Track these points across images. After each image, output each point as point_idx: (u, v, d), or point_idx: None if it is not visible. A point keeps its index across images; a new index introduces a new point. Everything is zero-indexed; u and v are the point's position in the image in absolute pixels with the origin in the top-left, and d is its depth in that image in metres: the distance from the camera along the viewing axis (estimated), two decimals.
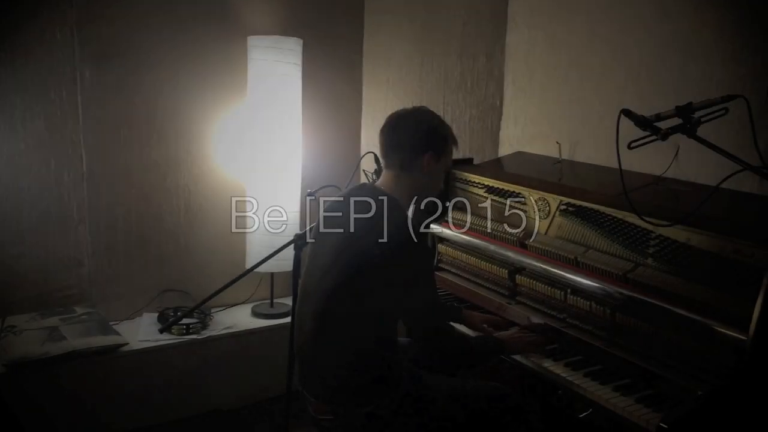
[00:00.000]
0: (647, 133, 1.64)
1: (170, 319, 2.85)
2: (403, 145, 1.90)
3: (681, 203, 2.03)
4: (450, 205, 2.62)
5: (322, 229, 1.98)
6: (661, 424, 1.47)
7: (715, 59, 2.10)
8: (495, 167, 2.67)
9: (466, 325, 2.18)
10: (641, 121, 1.62)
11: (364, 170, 2.68)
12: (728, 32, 2.06)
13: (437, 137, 1.93)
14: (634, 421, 1.61)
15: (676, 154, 2.22)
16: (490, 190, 2.46)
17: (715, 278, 1.72)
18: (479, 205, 2.51)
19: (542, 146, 2.74)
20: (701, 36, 2.14)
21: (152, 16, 2.91)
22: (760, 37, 1.98)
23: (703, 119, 1.62)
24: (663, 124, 1.65)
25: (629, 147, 1.62)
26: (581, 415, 1.90)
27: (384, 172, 1.96)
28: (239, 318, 3.12)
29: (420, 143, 1.89)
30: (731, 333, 1.61)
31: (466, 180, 2.57)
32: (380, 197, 1.89)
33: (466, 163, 2.71)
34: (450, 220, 2.58)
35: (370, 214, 1.86)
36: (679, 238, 1.82)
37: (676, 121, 1.65)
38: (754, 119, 1.86)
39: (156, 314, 2.99)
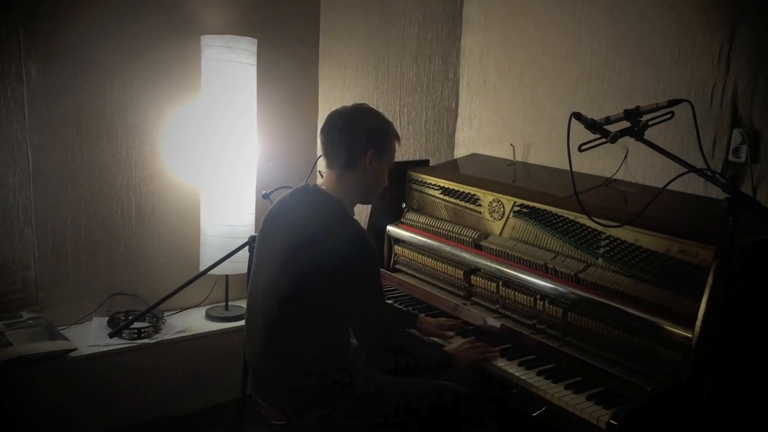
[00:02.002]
0: (597, 136, 1.68)
1: (121, 324, 2.78)
2: (345, 145, 1.87)
3: (630, 204, 2.08)
4: (406, 206, 2.63)
5: (265, 234, 1.95)
6: (611, 421, 1.50)
7: (662, 64, 2.16)
8: (450, 169, 2.69)
9: (420, 332, 2.17)
10: (591, 124, 1.65)
11: (320, 171, 2.66)
12: (674, 38, 2.12)
13: (378, 134, 1.91)
14: (585, 418, 1.64)
15: (626, 156, 2.28)
16: (446, 191, 2.48)
17: (663, 278, 1.77)
18: (435, 206, 2.53)
19: (497, 148, 2.77)
20: (648, 41, 2.20)
21: (102, 14, 2.83)
22: (704, 43, 2.04)
23: (650, 123, 1.66)
24: (612, 127, 1.68)
25: (580, 149, 1.65)
26: (534, 414, 1.93)
27: (327, 172, 1.94)
28: (193, 321, 3.06)
29: (361, 141, 1.87)
30: (678, 331, 1.66)
31: (422, 182, 2.58)
32: (325, 200, 1.87)
33: (422, 165, 2.73)
34: (406, 221, 2.59)
35: (315, 219, 1.84)
36: (628, 239, 1.86)
37: (625, 124, 1.69)
38: (699, 123, 1.92)
39: (106, 318, 2.92)
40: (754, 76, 1.93)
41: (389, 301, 2.37)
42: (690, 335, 1.60)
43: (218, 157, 2.99)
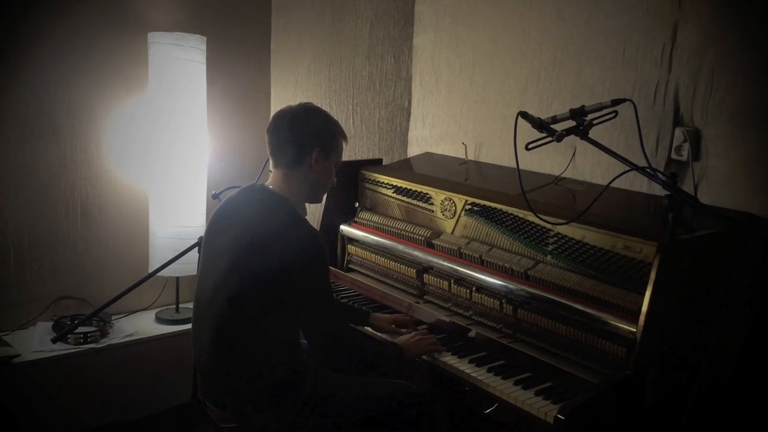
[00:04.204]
0: (544, 135, 1.70)
1: (65, 328, 2.70)
2: (290, 144, 1.86)
3: (578, 202, 2.11)
4: (359, 206, 2.62)
5: (212, 234, 1.92)
6: (558, 416, 1.52)
7: (607, 64, 2.20)
8: (403, 168, 2.70)
9: (373, 329, 2.17)
10: (537, 124, 1.68)
11: (271, 171, 2.64)
12: (618, 38, 2.16)
13: (324, 134, 1.90)
14: (533, 414, 1.66)
15: (574, 155, 2.31)
16: (399, 190, 2.48)
17: (609, 274, 1.81)
18: (388, 205, 2.53)
19: (450, 147, 2.79)
20: (594, 42, 2.24)
21: (45, 10, 2.74)
22: (647, 44, 2.09)
23: (594, 122, 1.70)
24: (559, 126, 1.71)
25: (527, 148, 1.67)
26: (487, 411, 1.94)
27: (273, 172, 1.92)
28: (142, 324, 2.99)
29: (307, 141, 1.86)
30: (623, 326, 1.69)
31: (375, 181, 2.58)
32: (273, 199, 1.85)
33: (376, 164, 2.72)
34: (359, 220, 2.58)
35: (263, 218, 1.82)
36: (576, 236, 1.89)
37: (571, 123, 1.72)
38: (643, 122, 1.96)
39: (51, 323, 2.83)
40: (694, 76, 1.98)
41: (343, 300, 2.36)
42: (634, 329, 1.64)
43: (167, 156, 2.92)
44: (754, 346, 1.86)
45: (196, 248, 2.54)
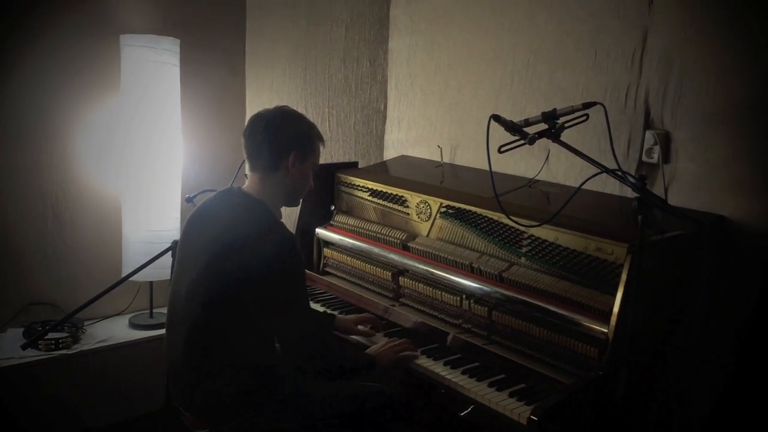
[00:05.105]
0: (517, 138, 1.71)
1: (36, 334, 2.65)
2: (267, 147, 1.85)
3: (552, 204, 2.13)
4: (335, 209, 2.62)
5: (187, 238, 1.90)
6: (531, 417, 1.53)
7: (580, 68, 2.23)
8: (379, 171, 2.70)
9: (340, 332, 2.15)
10: (510, 126, 1.69)
11: (246, 174, 2.62)
12: (590, 42, 2.19)
13: (301, 137, 1.89)
14: (507, 415, 1.67)
15: (547, 157, 2.33)
16: (374, 193, 2.48)
17: (582, 275, 1.82)
18: (364, 208, 2.53)
19: (425, 150, 2.80)
20: (566, 46, 2.26)
21: (15, 12, 2.70)
22: (618, 48, 2.12)
23: (566, 125, 1.71)
24: (531, 129, 1.72)
25: (499, 151, 1.68)
26: (462, 413, 1.94)
27: (250, 175, 1.91)
28: (116, 330, 2.96)
29: (283, 144, 1.85)
30: (595, 327, 1.71)
31: (350, 184, 2.57)
32: (249, 203, 1.84)
33: (352, 167, 2.72)
34: (335, 224, 2.57)
35: (239, 222, 1.80)
36: (549, 238, 1.91)
37: (543, 126, 1.73)
38: (615, 125, 1.99)
39: (21, 329, 2.78)
40: (664, 80, 2.01)
41: (316, 305, 2.35)
42: (606, 330, 1.65)
43: (140, 160, 2.89)
44: (723, 345, 1.89)
45: (170, 252, 2.51)
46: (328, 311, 2.27)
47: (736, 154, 1.88)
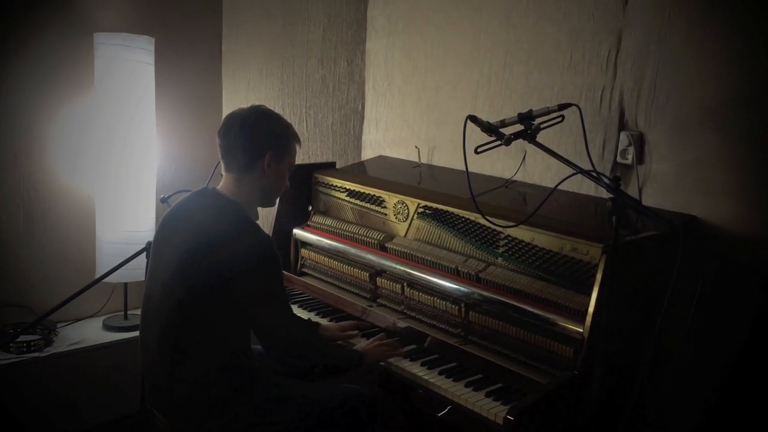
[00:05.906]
0: (493, 139, 1.72)
1: (7, 336, 2.61)
2: (242, 147, 1.83)
3: (528, 205, 2.14)
4: (312, 209, 2.61)
5: (161, 239, 1.87)
6: (507, 416, 1.54)
7: (555, 69, 2.24)
8: (357, 171, 2.69)
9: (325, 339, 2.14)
10: (486, 127, 1.69)
11: (222, 174, 2.60)
12: (566, 44, 2.21)
13: (277, 137, 1.87)
14: (484, 415, 1.67)
15: (524, 158, 2.35)
16: (352, 194, 2.48)
17: (558, 275, 1.84)
18: (341, 209, 2.52)
19: (403, 150, 2.80)
20: (542, 47, 2.28)
21: None
22: (593, 49, 2.14)
23: (542, 126, 1.72)
24: (507, 130, 1.73)
25: (476, 152, 1.68)
26: (440, 414, 1.95)
27: (225, 176, 1.89)
28: (89, 332, 2.91)
29: (259, 144, 1.83)
30: (570, 326, 1.72)
31: (328, 184, 2.57)
32: (223, 204, 1.82)
33: (329, 167, 2.71)
34: (312, 224, 2.56)
35: (213, 223, 1.78)
36: (525, 238, 1.92)
37: (519, 127, 1.74)
38: (590, 126, 2.01)
39: None
40: (638, 82, 2.04)
41: (294, 305, 2.34)
42: (581, 330, 1.67)
43: (114, 159, 2.86)
44: (698, 345, 1.91)
45: (145, 253, 2.48)
46: (312, 319, 2.25)
47: (709, 156, 1.91)
